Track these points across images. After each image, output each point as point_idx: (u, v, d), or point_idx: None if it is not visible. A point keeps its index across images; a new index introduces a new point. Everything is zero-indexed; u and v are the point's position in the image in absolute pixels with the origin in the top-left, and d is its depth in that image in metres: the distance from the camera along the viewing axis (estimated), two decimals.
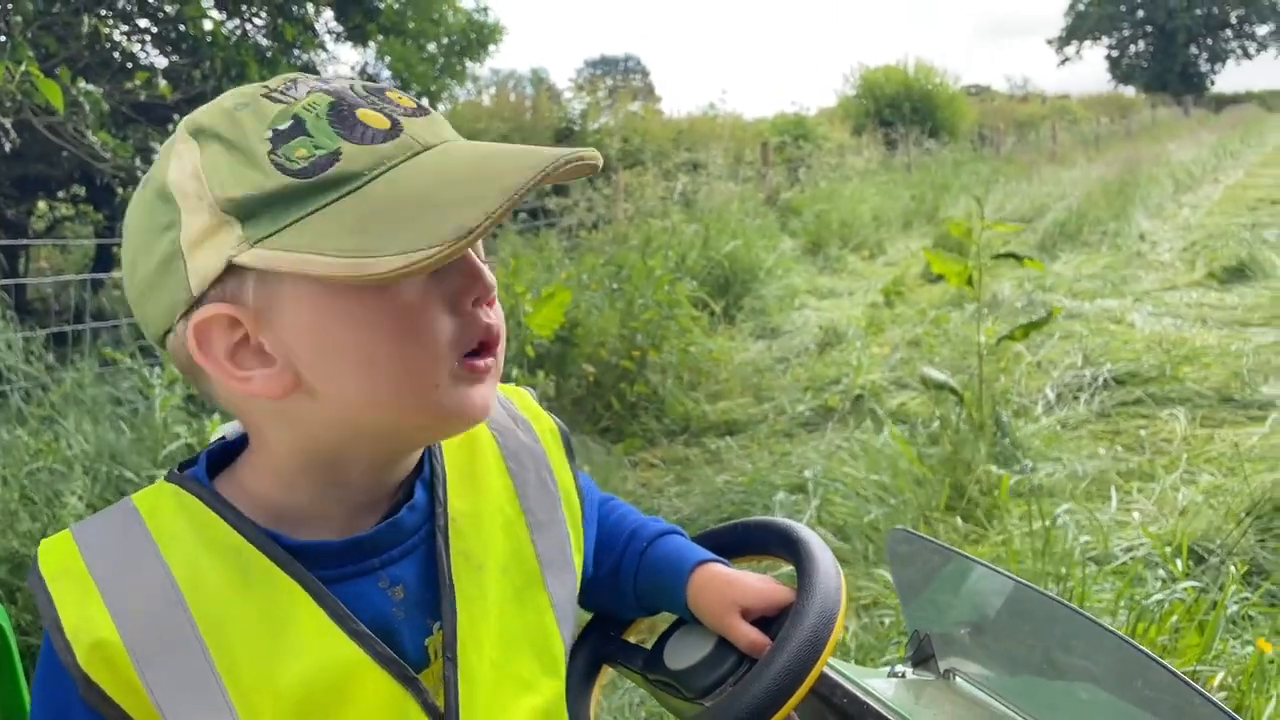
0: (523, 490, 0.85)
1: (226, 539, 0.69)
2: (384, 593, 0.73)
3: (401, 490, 0.78)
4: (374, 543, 0.73)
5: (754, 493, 3.73)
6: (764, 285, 7.31)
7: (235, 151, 0.64)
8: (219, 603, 0.67)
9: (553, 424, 0.92)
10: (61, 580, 0.67)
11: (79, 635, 0.64)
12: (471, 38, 9.72)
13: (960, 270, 3.44)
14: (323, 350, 0.65)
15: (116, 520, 0.70)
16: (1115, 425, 4.34)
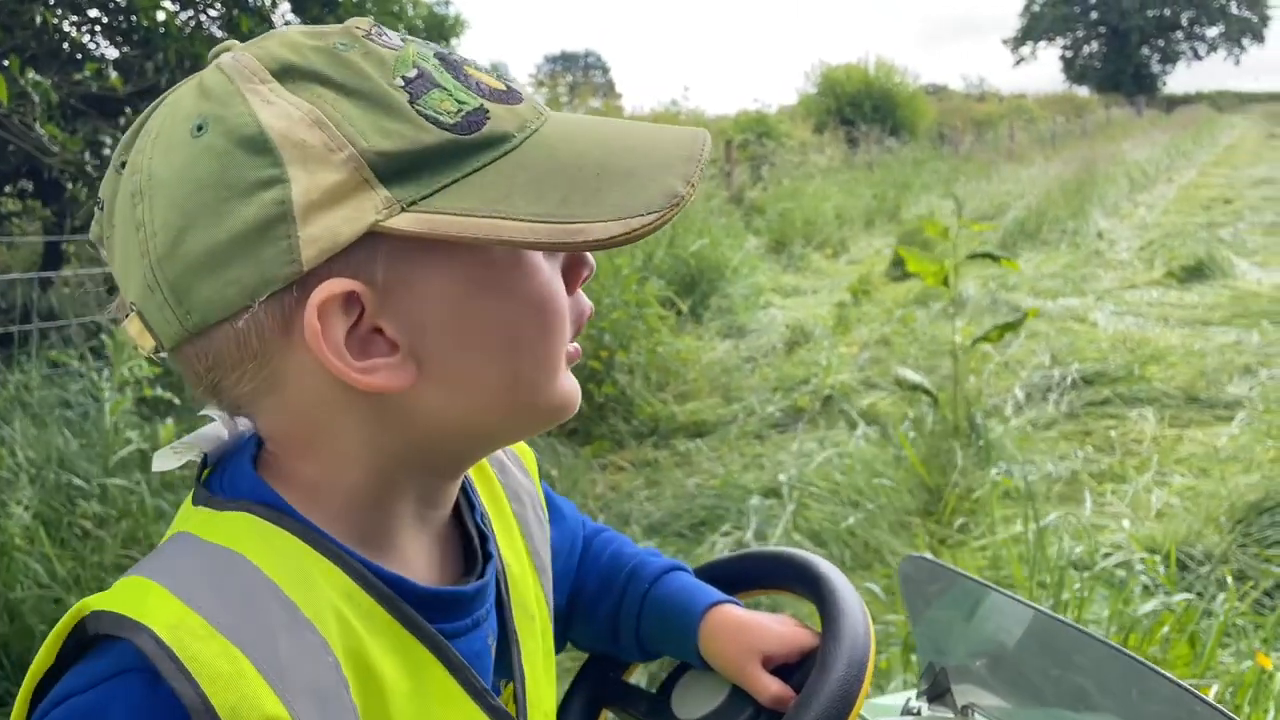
0: (527, 532, 0.78)
1: (340, 583, 0.56)
2: (489, 647, 0.65)
3: (454, 525, 0.69)
4: (479, 593, 0.64)
5: (726, 496, 3.67)
6: (730, 284, 7.27)
7: (364, 100, 0.54)
8: (364, 661, 0.55)
9: (531, 452, 0.86)
10: (193, 644, 0.48)
11: (237, 715, 0.47)
12: (432, 31, 9.57)
13: (936, 269, 3.40)
14: (462, 331, 0.57)
15: (210, 561, 0.54)
16: (1085, 425, 4.34)
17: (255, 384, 0.57)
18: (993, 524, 3.06)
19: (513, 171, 0.54)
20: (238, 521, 0.57)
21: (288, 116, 0.53)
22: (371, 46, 0.56)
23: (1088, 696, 0.92)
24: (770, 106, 18.18)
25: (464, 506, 0.69)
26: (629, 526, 3.62)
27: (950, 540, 3.07)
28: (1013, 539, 2.85)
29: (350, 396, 0.56)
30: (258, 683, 0.49)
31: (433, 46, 0.59)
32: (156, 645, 0.48)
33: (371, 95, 0.54)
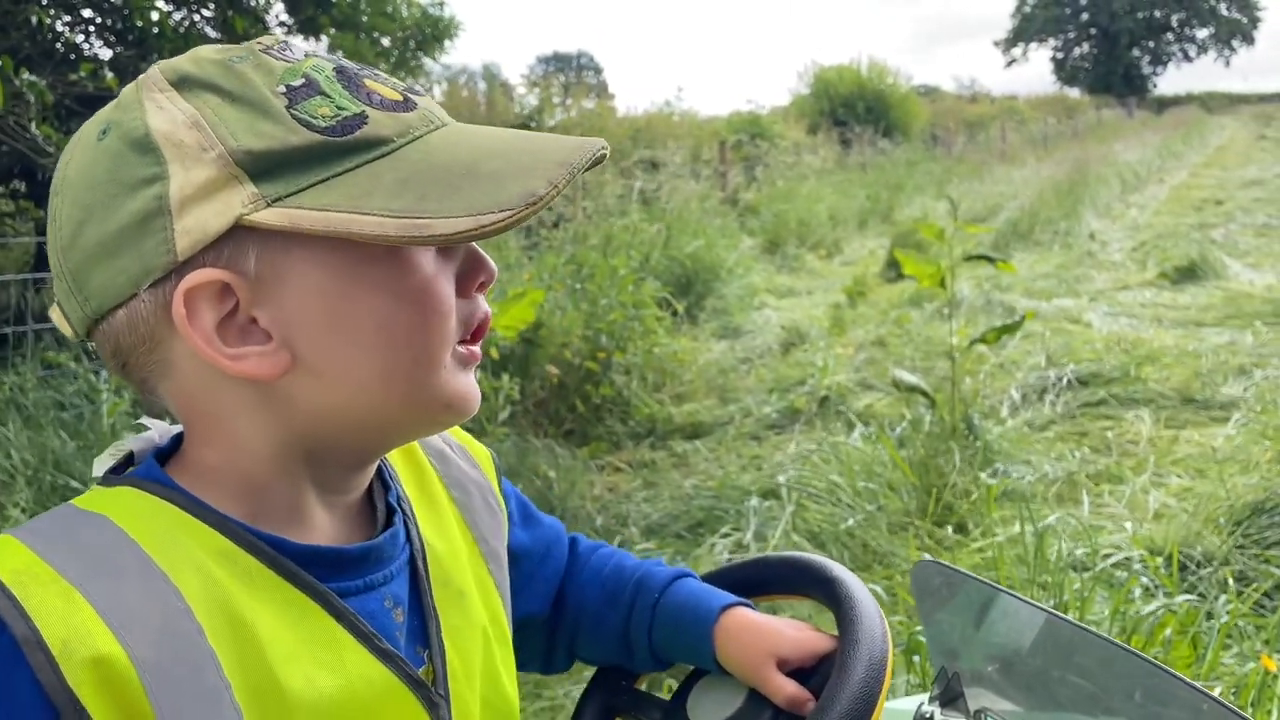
0: (472, 519, 0.80)
1: (217, 545, 0.59)
2: (389, 612, 0.66)
3: (378, 503, 0.71)
4: (379, 553, 0.66)
5: (724, 498, 3.67)
6: (725, 285, 7.27)
7: (243, 104, 0.58)
8: (228, 612, 0.57)
9: (487, 451, 0.87)
10: (32, 585, 0.53)
11: (70, 651, 0.51)
12: (426, 32, 9.55)
13: (932, 271, 3.41)
14: (334, 323, 0.60)
15: (74, 522, 0.58)
16: (1081, 426, 4.35)
17: (151, 368, 0.62)
18: (990, 525, 3.07)
19: (382, 172, 0.58)
20: (117, 494, 0.61)
21: (172, 120, 0.58)
22: (265, 59, 0.60)
23: (1102, 700, 0.92)
24: (763, 107, 18.19)
25: (378, 489, 0.71)
26: (627, 528, 3.62)
27: (947, 542, 3.08)
28: (1010, 540, 2.86)
29: (231, 383, 0.60)
30: (93, 620, 0.52)
31: (336, 61, 0.62)
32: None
33: (250, 100, 0.58)
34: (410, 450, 0.78)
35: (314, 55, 0.62)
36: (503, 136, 0.63)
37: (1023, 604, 0.99)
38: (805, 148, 15.83)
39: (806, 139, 16.82)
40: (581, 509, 3.81)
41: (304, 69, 0.60)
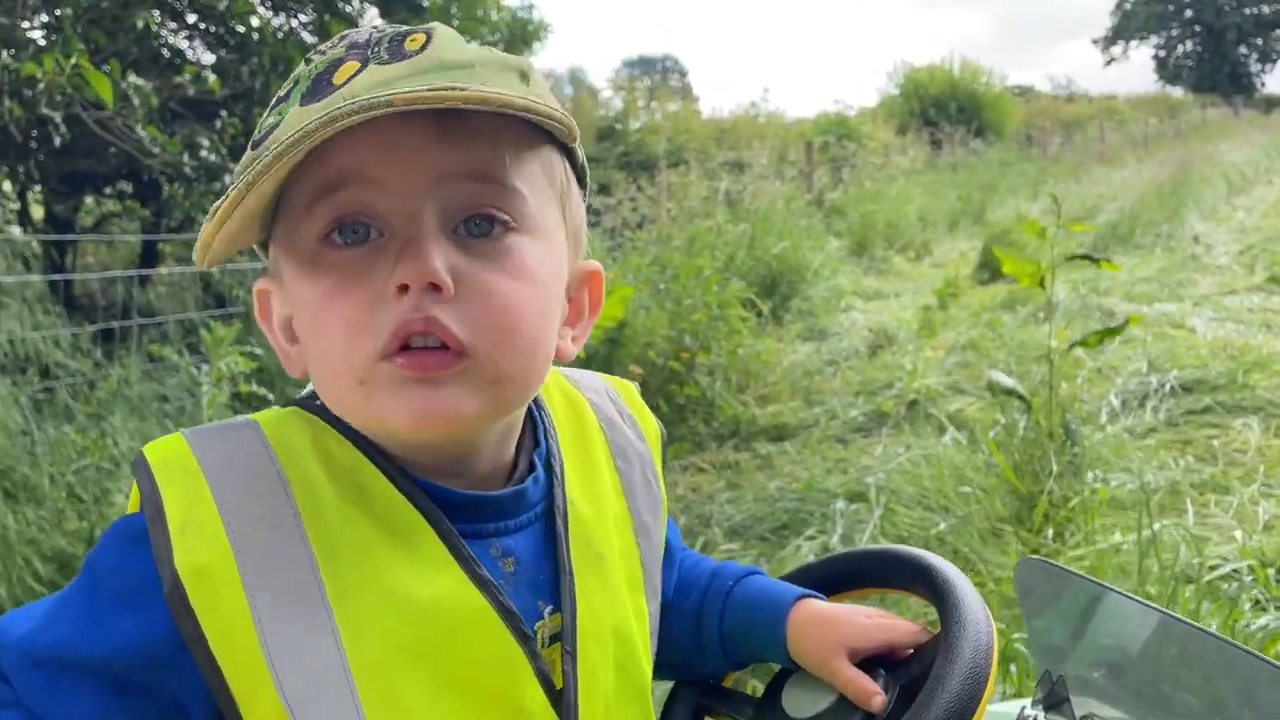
0: (629, 489, 0.80)
1: (348, 459, 0.66)
2: (494, 560, 0.68)
3: (522, 461, 0.74)
4: (495, 506, 0.70)
5: (810, 500, 3.62)
6: (811, 286, 7.19)
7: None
8: (335, 522, 0.63)
9: (656, 426, 0.87)
10: (172, 471, 0.62)
11: (185, 535, 0.60)
12: (516, 34, 9.67)
13: (1032, 271, 3.31)
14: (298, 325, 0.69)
15: (233, 428, 0.67)
16: (1184, 434, 4.18)
17: None
18: (1090, 533, 2.96)
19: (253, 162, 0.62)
20: (284, 413, 0.69)
21: None
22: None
23: (1222, 707, 0.86)
24: (851, 108, 17.97)
25: (526, 445, 0.74)
26: (710, 529, 3.60)
27: (1044, 549, 2.98)
28: (1113, 549, 2.75)
29: None
30: (211, 514, 0.61)
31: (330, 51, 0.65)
32: (146, 471, 0.63)
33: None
34: (581, 412, 0.81)
35: (313, 57, 0.67)
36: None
37: (1134, 604, 0.94)
38: (894, 149, 15.58)
39: (895, 140, 16.55)
40: None
41: (295, 75, 0.67)
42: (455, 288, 0.62)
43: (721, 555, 3.32)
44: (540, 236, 0.66)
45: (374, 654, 0.61)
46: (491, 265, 0.63)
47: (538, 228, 0.66)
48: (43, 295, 4.45)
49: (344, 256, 0.63)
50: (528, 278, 0.64)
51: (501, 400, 0.66)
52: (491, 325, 0.63)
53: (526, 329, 0.64)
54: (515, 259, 0.64)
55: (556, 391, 0.81)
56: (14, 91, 3.63)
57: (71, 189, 6.31)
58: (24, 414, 3.63)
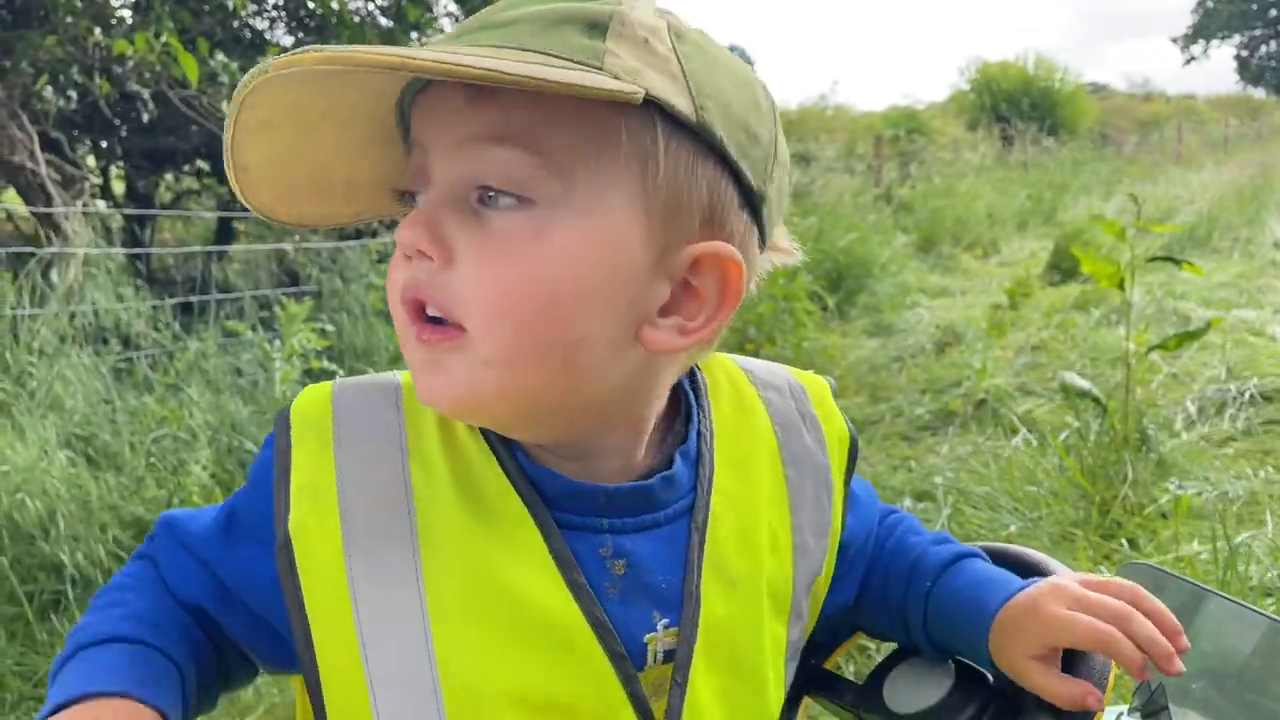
0: (797, 504, 0.73)
1: (468, 441, 0.65)
2: (601, 560, 0.64)
3: (661, 460, 0.69)
4: (610, 500, 0.65)
5: None
6: (878, 281, 7.11)
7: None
8: (443, 502, 0.63)
9: (844, 429, 0.78)
10: (307, 430, 0.65)
11: (303, 496, 0.63)
12: None
13: (1111, 271, 3.23)
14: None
15: (379, 390, 0.68)
16: (1264, 444, 4.05)
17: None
18: (1166, 541, 2.89)
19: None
20: None
21: None
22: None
23: None
24: (920, 102, 17.71)
25: (670, 444, 0.70)
26: None
27: (1117, 556, 2.92)
28: (1190, 558, 2.68)
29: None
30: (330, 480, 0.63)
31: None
32: (286, 427, 0.66)
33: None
34: (752, 413, 0.73)
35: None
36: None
37: (1240, 609, 0.91)
38: (964, 144, 15.33)
39: (966, 135, 16.29)
40: None
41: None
42: (455, 259, 0.59)
43: None
44: (579, 212, 0.58)
45: (457, 643, 0.61)
46: (495, 239, 0.58)
47: (575, 203, 0.58)
48: (124, 268, 4.57)
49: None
50: (538, 256, 0.58)
51: (509, 388, 0.60)
52: (483, 302, 0.58)
53: (532, 311, 0.58)
54: (527, 233, 0.58)
55: (727, 384, 0.74)
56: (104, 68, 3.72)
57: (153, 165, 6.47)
58: (105, 383, 3.74)
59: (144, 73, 3.65)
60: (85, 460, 3.27)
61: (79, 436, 3.41)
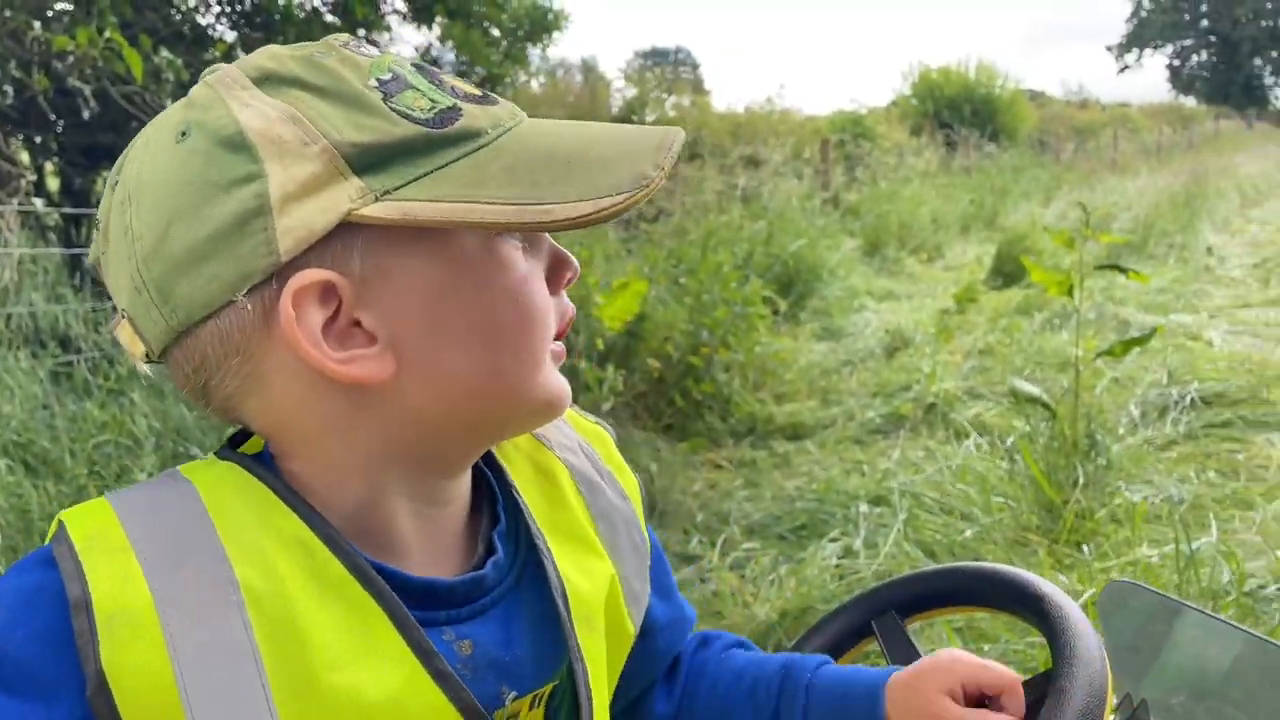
0: (618, 556, 0.75)
1: (297, 534, 0.57)
2: (448, 645, 0.63)
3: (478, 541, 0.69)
4: (450, 593, 0.64)
5: (830, 501, 3.61)
6: (827, 285, 7.17)
7: (339, 99, 0.57)
8: (282, 608, 0.55)
9: (633, 479, 0.82)
10: (100, 553, 0.53)
11: (114, 627, 0.51)
12: (536, 23, 9.63)
13: (1061, 279, 3.29)
14: (438, 323, 0.59)
15: (166, 492, 0.58)
16: (1205, 448, 4.16)
17: (239, 382, 0.59)
18: (1115, 546, 2.95)
19: (486, 162, 0.57)
20: (221, 468, 0.60)
21: (264, 116, 0.56)
22: (348, 54, 0.59)
23: None
24: (865, 107, 17.92)
25: (484, 523, 0.69)
26: (729, 526, 3.58)
27: (1070, 560, 2.97)
28: (1142, 562, 2.74)
29: (328, 393, 0.58)
30: (145, 602, 0.52)
31: (411, 58, 0.62)
32: (69, 548, 0.54)
33: (346, 94, 0.57)
34: (555, 478, 0.74)
35: (387, 52, 0.61)
36: (589, 125, 0.62)
37: (1219, 624, 0.92)
38: (908, 149, 15.54)
39: (910, 140, 16.51)
40: (682, 504, 3.79)
41: (387, 64, 0.60)
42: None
43: (741, 553, 3.31)
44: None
45: None
46: None
47: None
48: (61, 268, 4.43)
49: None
50: None
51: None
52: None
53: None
54: None
55: (518, 455, 0.74)
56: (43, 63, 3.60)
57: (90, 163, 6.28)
58: (44, 387, 3.62)
59: (84, 69, 3.54)
60: (24, 468, 3.16)
61: (16, 443, 3.30)
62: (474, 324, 0.59)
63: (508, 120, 0.61)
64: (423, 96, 0.58)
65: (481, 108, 0.60)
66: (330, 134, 0.55)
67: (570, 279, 0.66)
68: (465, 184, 0.56)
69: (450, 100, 0.59)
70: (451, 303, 0.59)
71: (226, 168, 0.55)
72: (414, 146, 0.56)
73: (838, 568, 3.01)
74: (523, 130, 0.61)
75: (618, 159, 0.58)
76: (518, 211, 0.55)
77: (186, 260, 0.56)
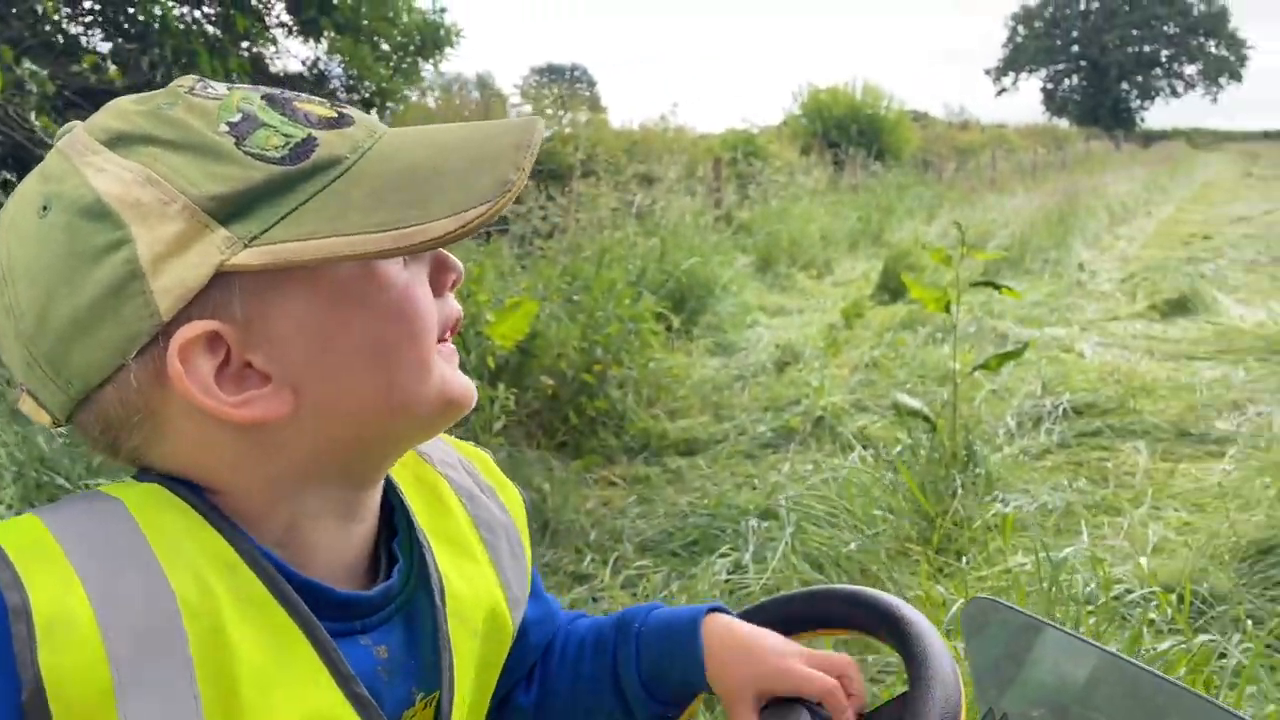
0: (499, 562, 0.79)
1: (221, 552, 0.58)
2: (368, 650, 0.66)
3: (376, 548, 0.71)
4: (368, 604, 0.67)
5: (721, 516, 3.64)
6: (720, 301, 7.26)
7: (191, 150, 0.57)
8: (214, 622, 0.56)
9: (518, 494, 0.86)
10: (36, 562, 0.53)
11: (53, 631, 0.51)
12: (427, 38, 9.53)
13: (938, 295, 3.40)
14: (327, 351, 0.60)
15: (94, 507, 0.58)
16: (1077, 456, 4.34)
17: (145, 435, 0.60)
18: (991, 555, 3.05)
19: (347, 190, 0.58)
20: (144, 487, 0.60)
21: (120, 180, 0.56)
22: (195, 101, 0.59)
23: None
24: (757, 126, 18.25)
25: (384, 533, 0.71)
26: (621, 544, 3.58)
27: (949, 569, 3.05)
28: (1014, 570, 2.83)
29: (231, 434, 0.59)
30: (83, 607, 0.52)
31: (261, 90, 0.62)
32: (3, 558, 0.53)
33: (197, 145, 0.57)
34: (437, 490, 0.77)
35: (236, 88, 0.62)
36: (448, 131, 0.63)
37: (1076, 641, 0.96)
38: (798, 168, 15.88)
39: (800, 159, 16.86)
40: (575, 523, 3.77)
41: (235, 103, 0.60)
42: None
43: (634, 571, 3.31)
44: None
45: None
46: None
47: None
48: None
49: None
50: None
51: None
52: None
53: None
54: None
55: (406, 472, 0.76)
56: None
57: None
58: None
59: None
60: None
61: None
62: (362, 346, 0.60)
63: (366, 140, 0.61)
64: (275, 133, 0.59)
65: (338, 133, 0.60)
66: (188, 190, 0.56)
67: (454, 282, 0.67)
68: (330, 216, 0.56)
69: (304, 131, 0.59)
70: (337, 330, 0.60)
71: (91, 237, 0.56)
72: (273, 187, 0.57)
73: (727, 583, 3.03)
74: (383, 148, 0.61)
75: (478, 166, 0.59)
76: (386, 239, 0.56)
77: (71, 332, 0.57)
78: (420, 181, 0.58)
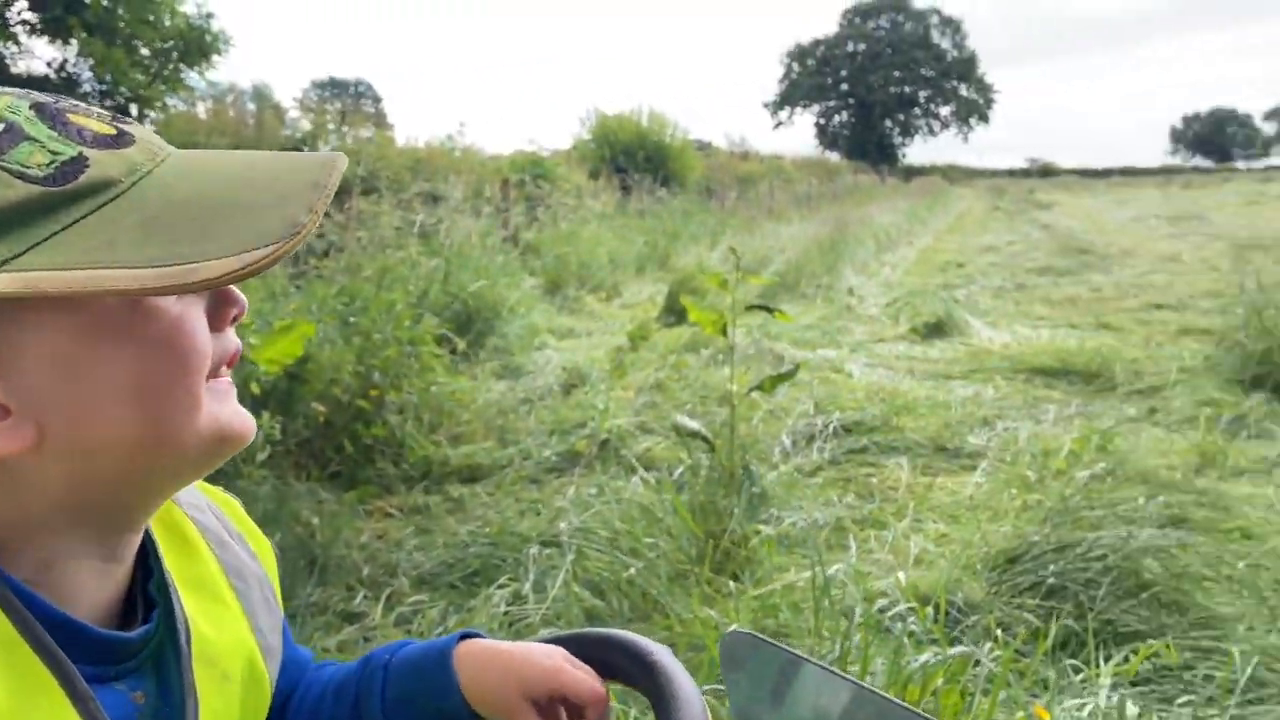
0: (251, 610, 0.76)
1: None
2: (124, 696, 0.62)
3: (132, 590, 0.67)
4: (126, 647, 0.63)
5: (502, 545, 3.55)
6: (506, 324, 7.17)
7: None
8: None
9: (268, 544, 0.84)
10: None
11: None
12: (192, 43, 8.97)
13: (715, 319, 3.46)
14: (81, 385, 0.55)
15: None
16: (847, 472, 4.53)
17: None
18: (766, 573, 3.11)
19: (118, 218, 0.53)
20: None
21: None
22: None
23: None
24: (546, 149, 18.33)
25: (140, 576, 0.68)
26: (396, 578, 3.42)
27: (725, 590, 3.09)
28: (785, 588, 2.90)
29: None
30: None
31: (33, 97, 0.57)
32: None
33: None
34: (186, 535, 0.73)
35: (3, 93, 0.57)
36: (240, 161, 0.60)
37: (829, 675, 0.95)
38: (587, 192, 16.04)
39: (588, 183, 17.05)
40: (347, 558, 3.57)
41: (0, 111, 0.55)
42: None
43: (409, 608, 3.16)
44: None
45: None
46: None
47: None
48: None
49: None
50: None
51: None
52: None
53: None
54: None
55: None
56: None
57: None
58: None
59: None
60: None
61: None
62: (121, 380, 0.56)
63: (146, 163, 0.57)
64: (41, 149, 0.54)
65: (114, 153, 0.56)
66: None
67: (237, 315, 0.63)
68: (94, 246, 0.52)
69: (74, 149, 0.54)
70: (93, 364, 0.55)
71: None
72: (31, 209, 0.52)
73: (506, 614, 2.95)
74: (164, 173, 0.57)
75: (269, 204, 0.55)
76: (154, 275, 0.51)
77: None
78: (201, 214, 0.54)
